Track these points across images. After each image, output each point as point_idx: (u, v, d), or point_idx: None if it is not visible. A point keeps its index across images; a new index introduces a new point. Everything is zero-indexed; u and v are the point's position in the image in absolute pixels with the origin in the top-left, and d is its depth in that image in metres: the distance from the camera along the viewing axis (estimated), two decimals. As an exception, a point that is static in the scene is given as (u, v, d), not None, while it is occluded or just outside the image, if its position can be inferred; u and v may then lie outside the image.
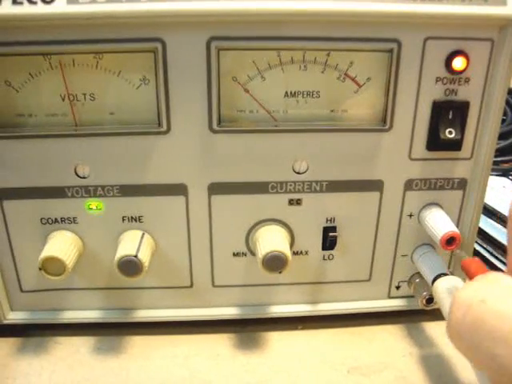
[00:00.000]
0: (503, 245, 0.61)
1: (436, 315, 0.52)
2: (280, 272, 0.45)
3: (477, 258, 0.40)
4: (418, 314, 0.53)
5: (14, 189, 0.45)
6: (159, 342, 0.51)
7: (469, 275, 0.39)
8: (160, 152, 0.44)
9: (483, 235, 0.63)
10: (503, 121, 0.94)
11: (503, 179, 0.80)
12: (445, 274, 0.46)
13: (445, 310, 0.43)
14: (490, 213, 0.66)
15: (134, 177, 0.45)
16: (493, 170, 0.48)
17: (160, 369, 0.48)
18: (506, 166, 0.84)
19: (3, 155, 0.44)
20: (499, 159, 0.84)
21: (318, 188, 0.47)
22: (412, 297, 0.52)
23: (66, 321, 0.51)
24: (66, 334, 0.51)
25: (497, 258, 0.61)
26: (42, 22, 0.39)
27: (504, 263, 0.59)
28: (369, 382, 0.46)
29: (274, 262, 0.44)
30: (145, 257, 0.44)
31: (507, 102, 0.96)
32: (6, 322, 0.50)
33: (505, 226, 0.63)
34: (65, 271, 0.44)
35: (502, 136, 0.89)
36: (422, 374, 0.47)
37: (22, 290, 0.50)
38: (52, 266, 0.44)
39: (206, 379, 0.47)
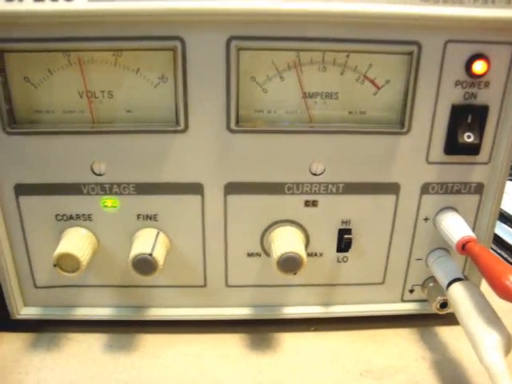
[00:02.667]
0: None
1: (449, 320, 0.52)
2: (295, 273, 0.44)
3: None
4: (431, 318, 0.52)
5: (29, 185, 0.45)
6: (171, 340, 0.51)
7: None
8: (177, 151, 0.44)
9: (497, 241, 0.63)
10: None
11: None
12: (460, 279, 0.45)
13: (460, 315, 0.43)
14: (505, 218, 0.66)
15: (150, 175, 0.45)
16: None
17: (172, 367, 0.48)
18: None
19: (20, 151, 0.44)
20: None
21: (334, 190, 0.46)
22: (425, 301, 0.52)
23: (78, 317, 0.51)
24: (79, 330, 0.51)
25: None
26: (62, 18, 0.39)
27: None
28: (381, 386, 0.46)
29: (290, 264, 0.44)
30: (159, 255, 0.44)
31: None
32: (19, 317, 0.50)
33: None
34: (79, 268, 0.44)
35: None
36: (435, 379, 0.47)
37: (35, 286, 0.50)
38: (67, 262, 0.44)
39: (218, 378, 0.46)
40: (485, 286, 0.42)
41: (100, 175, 0.45)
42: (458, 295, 0.44)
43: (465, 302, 0.43)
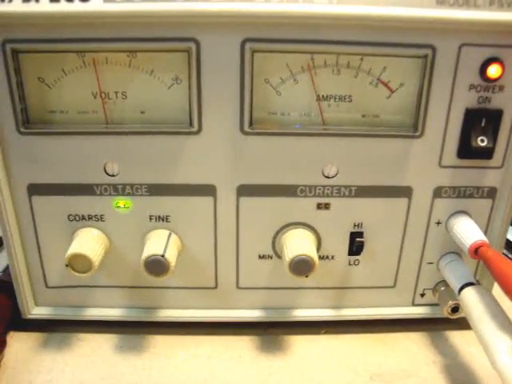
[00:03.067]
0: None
1: (460, 324, 0.52)
2: (307, 276, 0.44)
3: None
4: (441, 322, 0.52)
5: (42, 185, 0.46)
6: (182, 342, 0.51)
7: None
8: (190, 152, 0.44)
9: (509, 245, 0.63)
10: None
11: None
12: (472, 283, 0.45)
13: (472, 320, 0.42)
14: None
15: (162, 176, 0.45)
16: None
17: (182, 369, 0.48)
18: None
19: (34, 151, 0.44)
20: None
21: (346, 193, 0.46)
22: (436, 305, 0.51)
23: (89, 318, 0.51)
24: (90, 331, 0.51)
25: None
26: (77, 19, 0.39)
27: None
28: (392, 390, 0.46)
29: (302, 266, 0.44)
30: (171, 257, 0.44)
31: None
32: (30, 316, 0.50)
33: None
34: (91, 268, 0.44)
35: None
36: (446, 383, 0.46)
37: (47, 286, 0.50)
38: (79, 263, 0.44)
39: (228, 380, 0.46)
40: (496, 291, 0.42)
41: (113, 176, 0.45)
42: (471, 300, 0.44)
43: (477, 306, 0.43)
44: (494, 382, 0.45)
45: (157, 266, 0.44)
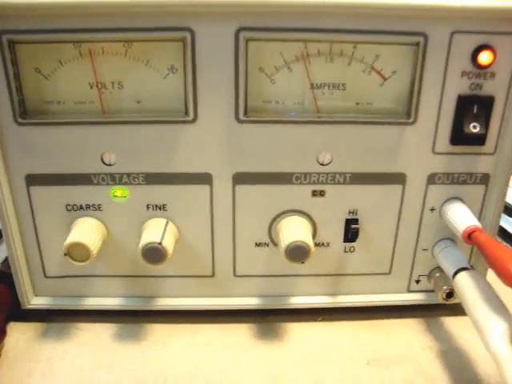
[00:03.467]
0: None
1: (455, 310, 0.52)
2: (302, 262, 0.45)
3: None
4: (437, 308, 0.53)
5: (40, 175, 0.46)
6: (179, 330, 0.51)
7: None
8: (186, 141, 0.45)
9: (502, 233, 0.63)
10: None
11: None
12: (466, 268, 0.46)
13: (466, 304, 0.43)
14: (510, 211, 0.66)
15: (159, 165, 0.46)
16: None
17: (180, 357, 0.48)
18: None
19: (31, 141, 0.44)
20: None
21: (341, 180, 0.47)
22: (431, 291, 0.52)
23: (88, 307, 0.51)
24: (88, 320, 0.52)
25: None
26: (73, 10, 0.40)
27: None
28: (388, 374, 0.46)
29: (297, 253, 0.44)
30: (169, 244, 0.45)
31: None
32: (29, 306, 0.51)
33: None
34: (89, 257, 0.45)
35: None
36: (442, 367, 0.47)
37: (45, 276, 0.50)
38: (77, 251, 0.45)
39: (225, 368, 0.47)
40: (490, 276, 0.42)
41: (110, 165, 0.46)
42: (465, 284, 0.44)
43: (471, 290, 0.43)
44: (488, 366, 0.46)
45: (154, 253, 0.44)
